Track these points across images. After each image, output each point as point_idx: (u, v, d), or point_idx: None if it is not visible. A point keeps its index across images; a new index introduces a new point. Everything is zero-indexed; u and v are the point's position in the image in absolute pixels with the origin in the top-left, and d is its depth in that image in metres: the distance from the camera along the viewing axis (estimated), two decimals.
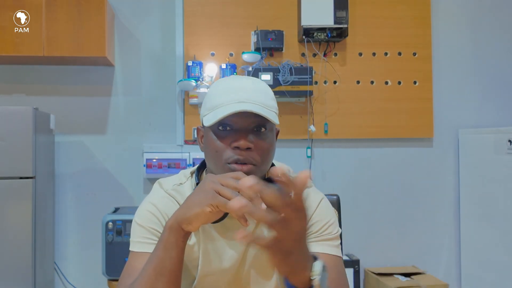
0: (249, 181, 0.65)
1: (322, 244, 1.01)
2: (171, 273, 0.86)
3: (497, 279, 2.74)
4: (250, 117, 0.94)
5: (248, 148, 0.94)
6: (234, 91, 0.96)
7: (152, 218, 1.01)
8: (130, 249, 1.01)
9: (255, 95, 0.96)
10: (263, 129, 0.97)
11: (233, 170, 0.93)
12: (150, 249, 0.96)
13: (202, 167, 1.09)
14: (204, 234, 1.02)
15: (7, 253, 2.35)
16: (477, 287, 2.94)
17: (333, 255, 1.01)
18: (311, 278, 0.73)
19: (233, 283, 1.03)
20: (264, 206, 0.79)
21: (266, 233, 1.02)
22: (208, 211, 0.81)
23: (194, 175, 1.07)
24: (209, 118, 0.95)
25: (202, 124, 1.03)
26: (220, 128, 0.96)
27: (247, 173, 0.94)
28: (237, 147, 0.94)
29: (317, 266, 0.73)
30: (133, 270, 0.96)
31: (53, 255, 2.85)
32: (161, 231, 0.97)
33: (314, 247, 1.00)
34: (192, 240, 1.02)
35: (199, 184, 0.86)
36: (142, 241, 0.99)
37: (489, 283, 2.82)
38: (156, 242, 0.95)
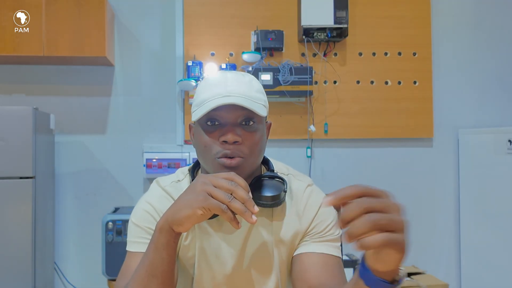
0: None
1: (326, 244, 1.01)
2: (163, 274, 0.85)
3: (497, 279, 2.74)
4: (237, 110, 0.94)
5: (236, 142, 0.93)
6: (219, 85, 0.96)
7: (148, 218, 1.01)
8: (127, 249, 1.01)
9: (240, 87, 0.96)
10: (251, 122, 0.96)
11: (222, 164, 0.93)
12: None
13: (197, 164, 1.09)
14: (200, 231, 1.01)
15: (7, 253, 2.35)
16: (477, 287, 2.94)
17: (335, 255, 1.01)
18: (400, 271, 0.69)
19: (232, 280, 1.02)
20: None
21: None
22: (200, 214, 0.79)
23: (190, 172, 1.07)
24: (196, 114, 0.95)
25: (194, 121, 1.03)
26: (209, 123, 0.96)
27: (236, 167, 0.94)
28: (225, 141, 0.93)
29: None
30: (128, 270, 0.96)
31: (53, 255, 2.85)
32: None
33: (318, 247, 1.00)
34: (188, 239, 1.01)
35: (190, 184, 0.85)
36: (139, 240, 0.99)
37: (489, 283, 2.82)
38: None
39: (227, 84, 0.96)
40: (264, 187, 0.98)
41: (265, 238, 1.01)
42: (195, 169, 1.08)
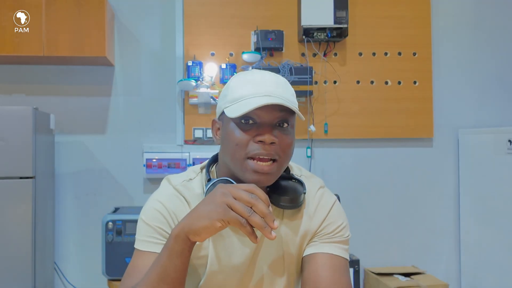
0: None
1: (334, 245, 1.01)
2: (174, 281, 0.84)
3: (497, 279, 2.74)
4: (275, 111, 0.92)
5: (272, 143, 0.91)
6: (258, 83, 0.94)
7: (159, 217, 0.99)
8: (135, 246, 0.99)
9: (278, 89, 0.94)
10: (285, 125, 0.95)
11: (252, 166, 0.91)
12: (155, 248, 0.95)
13: (212, 162, 1.07)
14: None
15: (7, 253, 2.34)
16: (477, 287, 2.94)
17: (342, 257, 1.00)
18: None
19: (243, 280, 1.02)
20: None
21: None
22: (218, 226, 0.78)
23: (204, 170, 1.04)
24: (233, 110, 0.92)
25: (218, 117, 1.01)
26: (243, 121, 0.93)
27: (267, 173, 0.92)
28: (261, 141, 0.91)
29: None
30: (136, 269, 0.95)
31: (53, 255, 2.85)
32: (168, 231, 0.96)
33: (326, 248, 1.00)
34: None
35: (209, 194, 0.84)
36: (148, 240, 0.98)
37: (489, 283, 2.82)
38: (162, 242, 0.94)
39: (266, 84, 0.94)
40: (283, 188, 0.98)
41: (277, 238, 1.01)
42: (210, 166, 1.05)
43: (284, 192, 0.96)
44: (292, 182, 1.01)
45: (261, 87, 0.93)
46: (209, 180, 0.99)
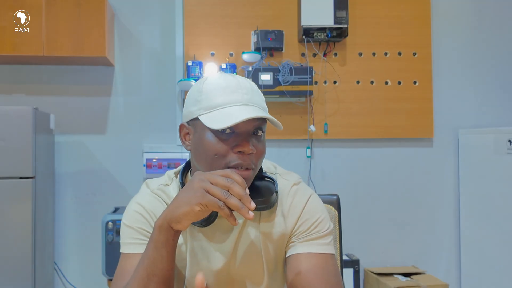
0: None
1: (311, 243, 0.99)
2: (163, 273, 0.85)
3: (497, 279, 2.74)
4: (252, 120, 0.92)
5: (250, 153, 0.92)
6: (234, 91, 0.93)
7: (139, 218, 1.00)
8: (121, 251, 1.00)
9: (254, 96, 0.95)
10: (259, 132, 0.95)
11: None
12: (140, 249, 0.96)
13: (186, 168, 1.06)
14: (190, 234, 1.01)
15: (7, 253, 2.35)
16: (477, 287, 2.94)
17: (322, 253, 0.98)
18: None
19: (223, 283, 1.01)
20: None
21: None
22: (198, 210, 0.80)
23: (178, 176, 1.04)
24: (213, 120, 0.91)
25: (188, 122, 0.99)
26: (220, 130, 0.92)
27: (246, 179, 0.92)
28: (240, 152, 0.91)
29: None
30: (124, 272, 0.95)
31: (53, 255, 2.85)
32: (150, 231, 0.97)
33: (302, 248, 0.98)
34: (180, 240, 1.00)
35: (188, 182, 0.85)
36: (132, 241, 0.99)
37: (489, 283, 2.82)
38: (145, 241, 0.95)
39: (242, 91, 0.94)
40: (255, 189, 0.97)
41: (254, 240, 1.01)
42: (183, 173, 1.05)
43: (255, 193, 0.95)
44: (264, 182, 1.00)
45: (238, 95, 0.93)
46: (182, 187, 1.00)
